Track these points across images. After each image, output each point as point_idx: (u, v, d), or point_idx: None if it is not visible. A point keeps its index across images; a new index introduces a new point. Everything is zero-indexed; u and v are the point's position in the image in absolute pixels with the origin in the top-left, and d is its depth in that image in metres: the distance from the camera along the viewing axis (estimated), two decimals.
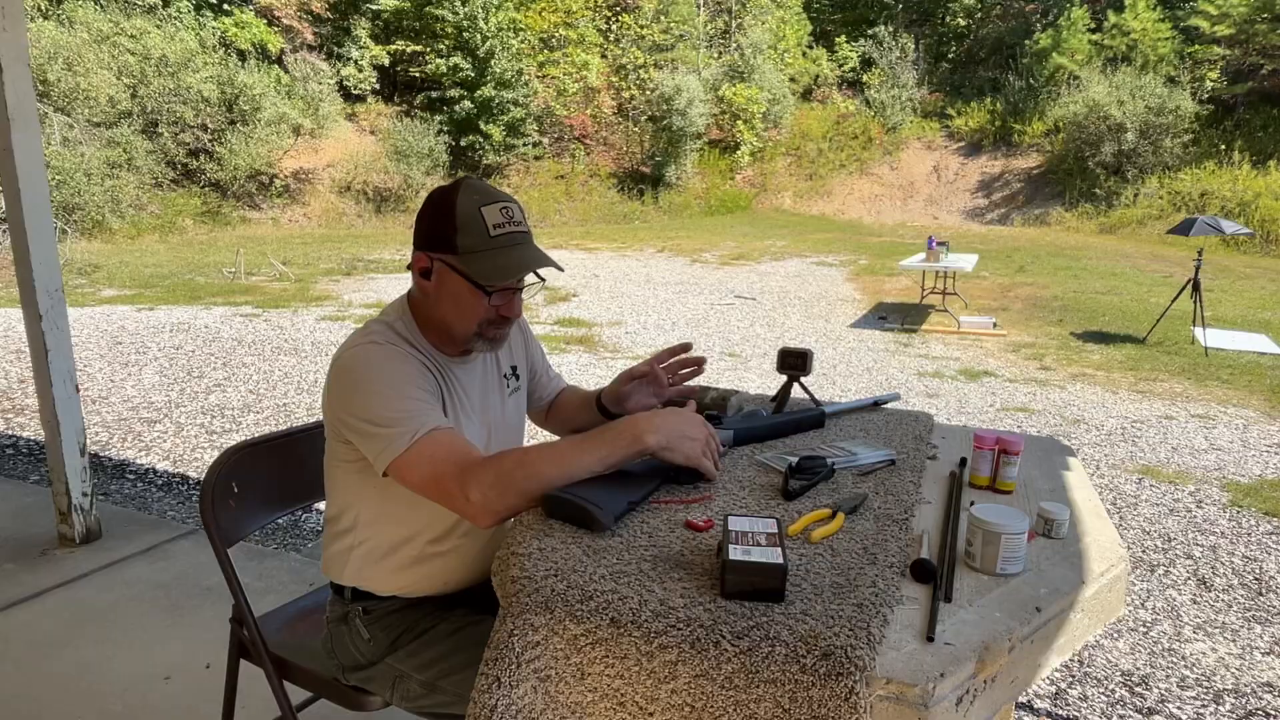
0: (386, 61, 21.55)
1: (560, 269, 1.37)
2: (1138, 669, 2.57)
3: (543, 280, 1.34)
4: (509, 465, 1.15)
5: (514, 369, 1.50)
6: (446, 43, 21.07)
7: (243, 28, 18.99)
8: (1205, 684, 2.50)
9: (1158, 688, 2.47)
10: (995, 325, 8.41)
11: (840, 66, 25.71)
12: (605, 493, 1.16)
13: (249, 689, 1.59)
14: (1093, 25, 21.49)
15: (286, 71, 19.54)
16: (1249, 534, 3.62)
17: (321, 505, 1.48)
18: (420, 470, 1.16)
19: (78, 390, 2.82)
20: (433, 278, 1.27)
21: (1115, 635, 2.77)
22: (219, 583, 1.46)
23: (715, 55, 25.72)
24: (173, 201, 16.19)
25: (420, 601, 1.37)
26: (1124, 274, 11.93)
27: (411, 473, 1.17)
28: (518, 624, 0.95)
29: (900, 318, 8.87)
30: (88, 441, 2.91)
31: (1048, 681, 2.46)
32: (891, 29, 24.78)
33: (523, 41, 22.98)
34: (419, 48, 21.43)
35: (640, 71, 24.11)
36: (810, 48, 26.40)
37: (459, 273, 1.24)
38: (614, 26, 25.14)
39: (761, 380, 6.10)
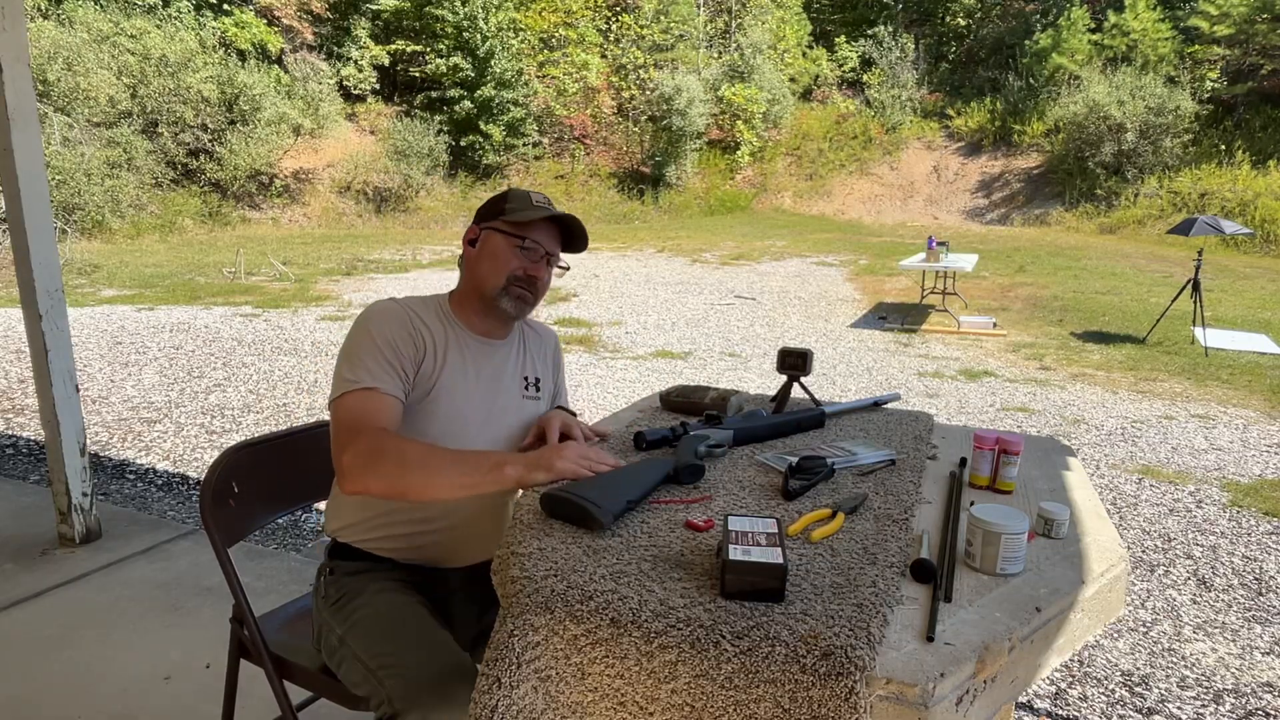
0: (386, 61, 21.56)
1: (584, 241, 1.50)
2: (1138, 669, 2.57)
3: (566, 268, 1.54)
4: (387, 448, 1.23)
5: (538, 380, 1.57)
6: (446, 43, 21.07)
7: (243, 28, 19.00)
8: (1205, 684, 2.50)
9: (1158, 688, 2.47)
10: (995, 325, 8.41)
11: (840, 66, 25.71)
12: (604, 492, 1.16)
13: (249, 689, 1.59)
14: (1093, 25, 21.48)
15: (286, 71, 19.54)
16: (1249, 534, 3.62)
17: (322, 505, 1.50)
18: (335, 417, 1.30)
19: (78, 390, 2.82)
20: (478, 244, 1.47)
21: (1115, 635, 2.77)
22: (219, 583, 1.47)
23: (715, 55, 25.72)
24: (173, 201, 16.19)
25: (383, 572, 1.42)
26: (1124, 274, 11.93)
27: (333, 417, 1.31)
28: (518, 624, 0.95)
29: (900, 318, 8.87)
30: (88, 441, 2.91)
31: (1048, 681, 2.46)
32: (891, 29, 24.77)
33: (523, 41, 22.99)
34: (419, 48, 21.44)
35: (640, 71, 24.11)
36: (810, 48, 26.39)
37: (500, 231, 1.43)
38: (614, 26, 25.14)
39: (761, 380, 6.11)
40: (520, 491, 1.29)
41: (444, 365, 1.40)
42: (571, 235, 1.49)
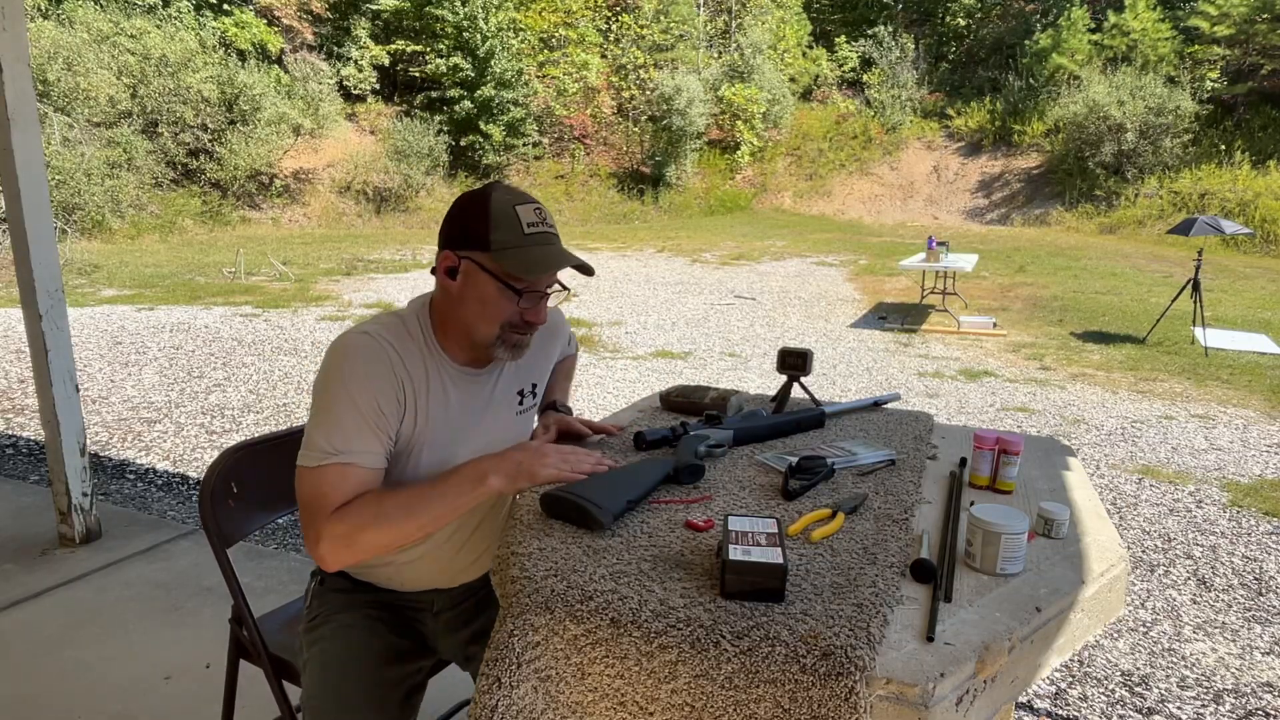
0: (386, 61, 21.55)
1: (591, 271, 1.31)
2: (1138, 669, 2.57)
3: (567, 290, 1.32)
4: (364, 518, 1.14)
5: (534, 387, 1.45)
6: (446, 43, 21.07)
7: (243, 28, 19.00)
8: (1205, 684, 2.50)
9: (1158, 688, 2.47)
10: (995, 325, 8.41)
11: (840, 66, 25.71)
12: (604, 492, 1.16)
13: (249, 689, 1.59)
14: (1093, 25, 21.49)
15: (286, 71, 19.54)
16: (1249, 534, 3.62)
17: None
18: (304, 491, 1.16)
19: (78, 390, 2.82)
20: (459, 277, 1.23)
21: (1115, 635, 2.77)
22: (219, 583, 1.47)
23: (715, 55, 25.73)
24: (173, 201, 16.19)
25: (364, 595, 1.39)
26: (1124, 274, 11.93)
27: (301, 487, 1.17)
28: (518, 624, 0.95)
29: (900, 318, 8.87)
30: (88, 441, 2.91)
31: (1048, 681, 2.46)
32: (891, 29, 24.77)
33: (523, 41, 22.99)
34: (419, 48, 21.43)
35: (640, 71, 24.11)
36: (810, 48, 26.40)
37: (489, 272, 1.21)
38: (614, 26, 25.14)
39: (761, 380, 6.10)
40: (516, 496, 1.28)
41: (428, 416, 1.26)
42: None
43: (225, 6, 19.21)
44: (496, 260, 1.20)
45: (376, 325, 1.25)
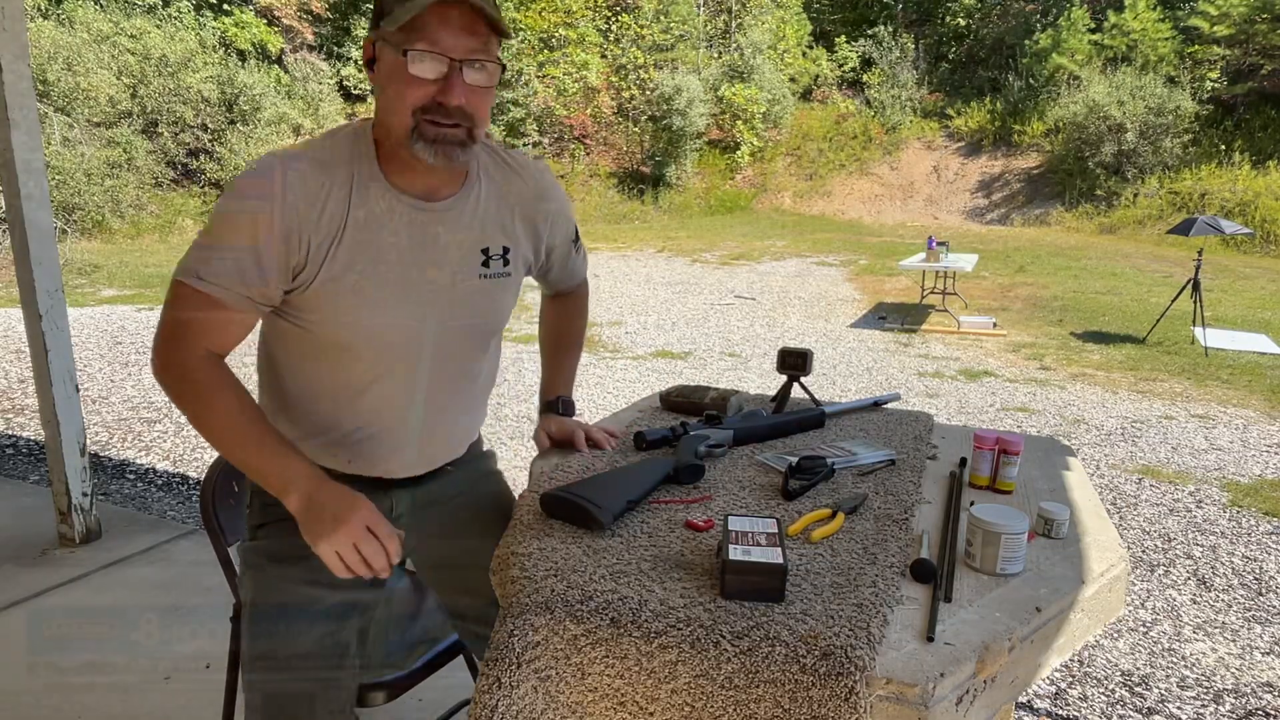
0: None
1: (507, 33, 1.07)
2: (1138, 669, 2.57)
3: (503, 67, 1.11)
4: (199, 389, 1.08)
5: (505, 251, 1.23)
6: None
7: (243, 28, 19.01)
8: (1205, 684, 2.50)
9: (1158, 688, 2.47)
10: (995, 325, 8.40)
11: (840, 66, 25.70)
12: (604, 492, 1.16)
13: None
14: (1093, 25, 21.47)
15: (286, 71, 19.54)
16: (1249, 534, 3.62)
17: None
18: (171, 303, 1.08)
19: (78, 390, 2.82)
20: (376, 66, 1.09)
21: (1115, 635, 2.77)
22: (219, 583, 1.47)
23: (715, 55, 25.72)
24: (173, 201, 16.19)
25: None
26: (1124, 274, 11.93)
27: (169, 296, 1.08)
28: (518, 624, 0.96)
29: (900, 318, 8.87)
30: (88, 441, 2.91)
31: (1048, 681, 2.46)
32: (891, 29, 24.76)
33: (522, 41, 22.99)
34: None
35: (640, 71, 24.11)
36: (810, 48, 26.39)
37: (387, 42, 1.05)
38: (614, 26, 25.13)
39: (761, 380, 6.10)
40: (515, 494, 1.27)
41: (344, 252, 1.09)
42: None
43: (225, 6, 19.21)
44: (389, 24, 1.03)
45: (298, 148, 1.11)
